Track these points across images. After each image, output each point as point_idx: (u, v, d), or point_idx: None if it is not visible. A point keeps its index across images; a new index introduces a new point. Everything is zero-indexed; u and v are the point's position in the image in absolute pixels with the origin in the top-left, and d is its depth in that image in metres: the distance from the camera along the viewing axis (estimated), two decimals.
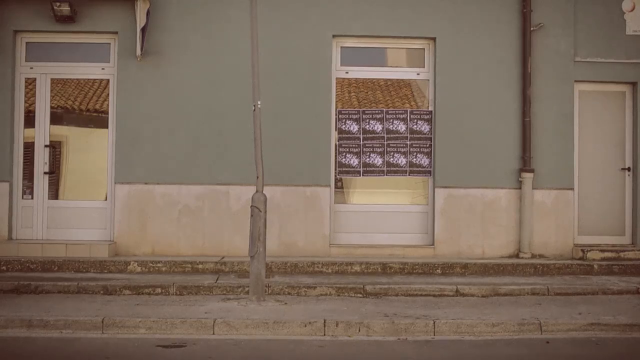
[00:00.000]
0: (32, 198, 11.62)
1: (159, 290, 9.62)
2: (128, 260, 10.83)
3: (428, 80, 11.98)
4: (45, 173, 11.61)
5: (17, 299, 9.08)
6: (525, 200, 11.67)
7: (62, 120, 11.87)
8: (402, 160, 11.90)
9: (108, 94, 11.73)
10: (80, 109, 11.82)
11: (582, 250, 11.56)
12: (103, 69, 11.74)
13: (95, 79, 11.84)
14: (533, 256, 11.66)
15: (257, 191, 9.02)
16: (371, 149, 11.89)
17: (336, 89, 11.96)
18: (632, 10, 11.98)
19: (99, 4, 11.48)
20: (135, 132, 11.51)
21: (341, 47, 11.96)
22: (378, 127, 11.91)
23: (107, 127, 11.70)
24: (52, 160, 11.70)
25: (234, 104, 11.44)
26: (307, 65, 11.63)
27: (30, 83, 11.71)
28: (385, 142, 11.91)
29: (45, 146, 11.67)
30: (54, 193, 11.71)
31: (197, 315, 8.18)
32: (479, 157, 11.76)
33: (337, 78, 11.94)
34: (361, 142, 11.90)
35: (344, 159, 11.89)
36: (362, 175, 11.92)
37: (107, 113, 11.71)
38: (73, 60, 11.73)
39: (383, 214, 11.88)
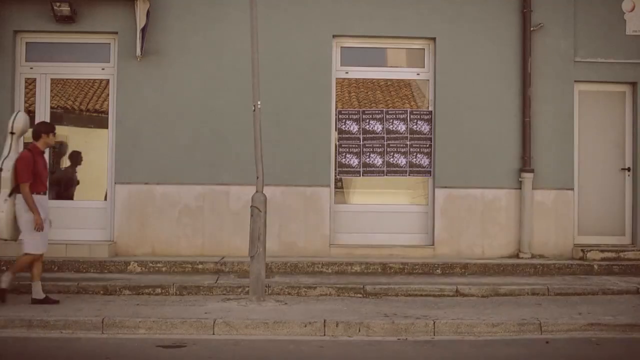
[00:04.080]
0: None
1: (159, 290, 9.62)
2: (128, 260, 10.83)
3: (428, 80, 11.98)
4: None
5: (17, 298, 9.07)
6: (525, 200, 11.67)
7: (62, 120, 11.86)
8: (402, 160, 11.90)
9: (108, 94, 11.73)
10: (80, 109, 11.82)
11: (582, 250, 11.55)
12: (103, 69, 11.74)
13: (95, 79, 11.85)
14: (533, 256, 11.65)
15: (257, 191, 9.02)
16: (371, 149, 11.89)
17: (336, 89, 11.96)
18: (632, 10, 11.98)
19: (99, 4, 11.48)
20: (135, 132, 11.51)
21: (341, 47, 11.96)
22: (378, 127, 11.91)
23: (107, 127, 11.70)
24: (52, 160, 11.69)
25: (234, 104, 11.44)
26: (307, 65, 11.63)
27: (30, 83, 11.71)
28: (385, 142, 11.91)
29: None
30: (54, 193, 11.69)
31: (197, 316, 8.18)
32: (479, 157, 11.76)
33: (337, 78, 11.94)
34: (361, 142, 11.90)
35: (344, 159, 11.89)
36: (362, 175, 11.92)
37: (107, 113, 11.71)
38: (73, 60, 11.72)
39: (383, 214, 11.88)
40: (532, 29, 11.75)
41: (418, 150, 11.92)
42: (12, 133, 8.92)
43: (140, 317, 8.05)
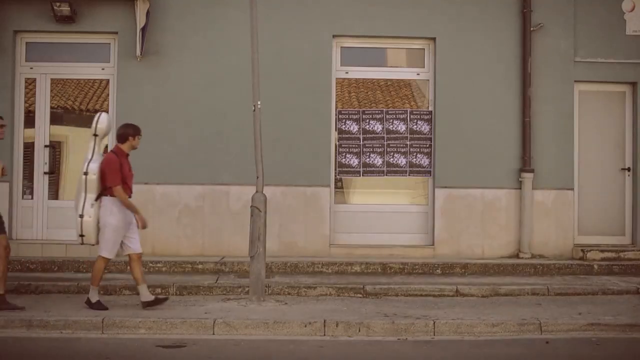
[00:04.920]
0: (32, 198, 11.62)
1: (158, 290, 9.60)
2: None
3: (428, 80, 11.98)
4: (45, 173, 11.61)
5: (17, 299, 9.05)
6: (525, 200, 11.66)
7: (62, 120, 11.87)
8: (402, 160, 11.90)
9: (108, 94, 11.73)
10: (80, 109, 11.82)
11: (582, 250, 11.55)
12: (103, 69, 11.74)
13: (95, 79, 11.85)
14: (533, 256, 11.65)
15: (257, 191, 9.02)
16: (371, 149, 11.89)
17: (336, 89, 11.96)
18: (632, 10, 11.98)
19: (99, 4, 11.48)
20: None
21: (341, 47, 11.96)
22: (378, 127, 11.91)
23: None
24: (52, 160, 11.69)
25: (234, 104, 11.44)
26: (307, 65, 11.63)
27: (30, 83, 11.71)
28: (385, 142, 11.91)
29: (45, 146, 11.66)
30: (54, 193, 11.70)
31: (197, 316, 8.18)
32: (479, 157, 11.76)
33: (337, 78, 11.94)
34: (361, 142, 11.90)
35: (344, 159, 11.89)
36: (362, 175, 11.92)
37: (107, 113, 11.68)
38: (73, 60, 11.73)
39: (383, 214, 11.88)
40: (532, 29, 11.75)
41: (418, 150, 11.92)
42: (95, 135, 8.67)
43: (140, 317, 8.05)
